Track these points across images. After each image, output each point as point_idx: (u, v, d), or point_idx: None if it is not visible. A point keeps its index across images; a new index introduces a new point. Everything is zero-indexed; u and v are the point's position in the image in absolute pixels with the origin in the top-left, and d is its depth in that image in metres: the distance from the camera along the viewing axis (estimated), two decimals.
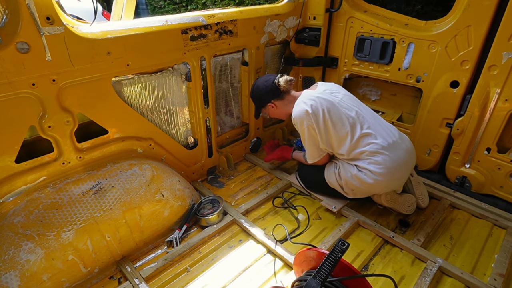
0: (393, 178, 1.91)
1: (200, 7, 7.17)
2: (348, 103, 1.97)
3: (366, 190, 1.96)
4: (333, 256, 1.17)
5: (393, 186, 1.96)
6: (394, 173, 1.88)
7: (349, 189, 1.99)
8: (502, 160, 2.06)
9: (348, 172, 1.95)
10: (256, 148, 2.79)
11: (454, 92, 2.11)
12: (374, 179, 1.86)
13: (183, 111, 2.22)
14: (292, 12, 2.53)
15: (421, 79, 2.24)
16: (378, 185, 1.89)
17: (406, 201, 2.03)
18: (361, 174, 1.89)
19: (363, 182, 1.89)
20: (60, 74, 1.53)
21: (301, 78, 2.90)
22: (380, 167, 1.84)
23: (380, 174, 1.84)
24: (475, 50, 1.96)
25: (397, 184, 1.98)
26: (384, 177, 1.85)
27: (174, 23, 1.89)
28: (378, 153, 1.85)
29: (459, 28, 1.98)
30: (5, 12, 1.34)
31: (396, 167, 1.87)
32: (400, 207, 2.03)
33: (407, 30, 2.23)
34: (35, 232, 1.50)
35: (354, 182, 1.93)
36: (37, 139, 1.64)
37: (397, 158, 1.86)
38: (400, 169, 1.90)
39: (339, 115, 1.92)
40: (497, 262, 1.71)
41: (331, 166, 2.08)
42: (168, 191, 1.91)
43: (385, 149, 1.85)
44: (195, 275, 1.69)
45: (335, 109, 1.92)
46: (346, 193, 2.03)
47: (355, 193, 2.00)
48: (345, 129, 1.90)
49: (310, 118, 1.92)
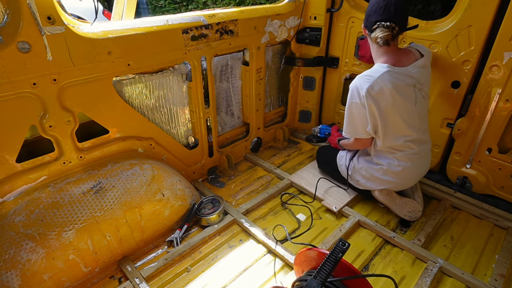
0: (403, 182, 1.96)
1: (201, 7, 7.17)
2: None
3: (371, 185, 2.01)
4: (333, 256, 1.17)
5: (396, 187, 1.98)
6: (407, 177, 1.93)
7: (356, 177, 2.06)
8: (503, 161, 2.06)
9: (361, 162, 2.02)
10: (257, 148, 2.80)
11: (455, 92, 2.11)
12: (385, 176, 1.91)
13: (184, 111, 2.22)
14: (293, 12, 2.53)
15: None
16: (384, 182, 1.94)
17: (406, 205, 2.00)
18: (373, 166, 1.95)
19: (370, 173, 1.96)
20: (61, 74, 1.53)
21: (301, 78, 2.90)
22: (399, 169, 1.88)
23: (395, 174, 1.89)
24: (476, 50, 1.96)
25: (398, 187, 2.01)
26: (396, 178, 1.91)
27: (175, 23, 1.89)
28: (408, 160, 1.86)
29: (460, 28, 1.97)
30: (6, 11, 1.34)
31: (412, 174, 1.93)
32: (398, 208, 2.00)
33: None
34: (36, 232, 1.50)
35: (362, 171, 2.00)
36: (38, 139, 1.64)
37: (418, 166, 1.91)
38: (414, 179, 1.98)
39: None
40: (498, 262, 1.71)
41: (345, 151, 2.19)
42: (169, 191, 1.91)
43: (416, 155, 1.87)
44: (196, 274, 1.69)
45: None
46: (350, 177, 2.09)
47: (360, 184, 2.06)
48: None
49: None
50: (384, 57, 1.80)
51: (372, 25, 1.74)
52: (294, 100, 2.98)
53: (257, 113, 2.66)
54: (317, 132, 2.66)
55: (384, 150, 1.90)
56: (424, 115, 1.90)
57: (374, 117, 1.79)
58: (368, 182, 2.03)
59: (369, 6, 1.77)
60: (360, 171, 2.04)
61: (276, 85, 2.86)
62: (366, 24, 1.82)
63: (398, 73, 1.75)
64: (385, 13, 1.67)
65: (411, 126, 1.82)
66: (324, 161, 2.38)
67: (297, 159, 2.70)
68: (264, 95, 2.68)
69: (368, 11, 1.78)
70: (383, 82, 1.72)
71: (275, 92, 2.88)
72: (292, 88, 2.90)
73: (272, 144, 2.93)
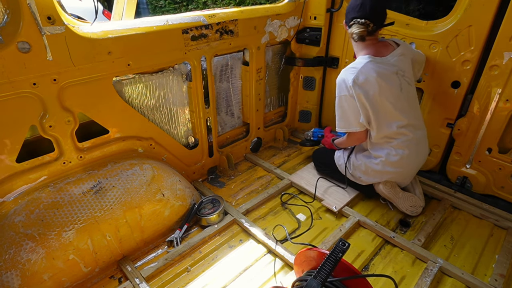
0: (403, 172, 1.98)
1: (201, 7, 7.17)
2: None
3: (373, 179, 2.06)
4: (333, 256, 1.17)
5: (397, 177, 2.02)
6: (407, 165, 1.96)
7: (357, 174, 2.10)
8: (503, 161, 2.06)
9: (359, 159, 2.07)
10: (257, 148, 2.80)
11: (455, 92, 2.11)
12: (385, 167, 1.95)
13: (184, 111, 2.22)
14: (293, 12, 2.53)
15: (422, 79, 2.23)
16: (385, 174, 1.98)
17: (408, 200, 2.03)
18: (373, 160, 1.99)
19: (370, 169, 2.00)
20: (61, 74, 1.53)
21: (301, 78, 2.90)
22: (397, 159, 1.91)
23: (394, 164, 1.92)
24: (476, 50, 1.96)
25: (400, 178, 2.03)
26: (396, 167, 1.93)
27: (175, 23, 1.89)
28: (405, 147, 1.91)
29: (460, 28, 1.98)
30: (6, 11, 1.34)
31: (410, 162, 1.95)
32: (401, 202, 2.03)
33: (408, 30, 2.22)
34: (36, 232, 1.50)
35: (362, 168, 2.04)
36: (38, 139, 1.64)
37: (415, 153, 1.94)
38: (414, 166, 2.00)
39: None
40: (498, 262, 1.71)
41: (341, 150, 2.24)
42: (169, 191, 1.91)
43: (412, 141, 1.91)
44: (196, 274, 1.69)
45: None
46: (352, 175, 2.12)
47: (362, 180, 2.10)
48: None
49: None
50: (365, 50, 1.91)
51: (350, 21, 1.87)
52: (294, 100, 2.99)
53: (257, 113, 2.66)
54: (310, 136, 2.65)
55: (380, 141, 1.95)
56: (412, 100, 1.97)
57: (365, 107, 1.85)
58: (370, 177, 2.06)
59: (349, 4, 1.91)
60: (360, 167, 2.07)
61: (276, 85, 2.86)
62: (345, 20, 1.94)
63: (379, 63, 1.86)
64: (361, 10, 1.80)
65: (401, 111, 1.87)
66: (323, 163, 2.38)
67: (297, 159, 2.71)
68: (264, 95, 2.68)
69: (347, 8, 1.90)
70: (367, 71, 1.82)
71: (275, 92, 2.89)
72: (292, 88, 2.90)
73: (272, 144, 2.93)
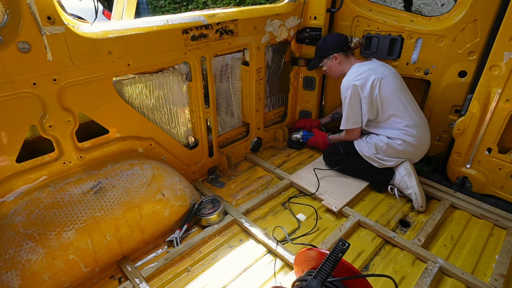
0: (419, 145, 2.17)
1: (201, 7, 7.17)
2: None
3: (396, 159, 2.20)
4: (333, 256, 1.17)
5: (415, 154, 2.22)
6: (420, 137, 2.16)
7: (381, 156, 2.22)
8: (503, 160, 2.06)
9: (382, 139, 2.20)
10: (257, 148, 2.80)
11: (462, 81, 2.20)
12: (404, 146, 2.15)
13: (184, 111, 2.22)
14: (293, 12, 2.53)
15: (429, 72, 2.30)
16: (405, 153, 2.17)
17: (420, 187, 2.11)
18: (396, 141, 2.16)
19: (395, 149, 2.16)
20: (61, 74, 1.53)
21: (301, 78, 2.90)
22: (411, 130, 2.14)
23: (411, 137, 2.14)
24: (481, 41, 2.04)
25: (417, 153, 2.23)
26: (413, 139, 2.13)
27: (175, 22, 1.89)
28: (411, 119, 2.14)
29: (466, 22, 2.05)
30: (6, 11, 1.34)
31: (422, 134, 2.18)
32: (414, 186, 2.10)
33: (415, 26, 2.29)
34: (36, 232, 1.50)
35: (385, 148, 2.18)
36: (38, 139, 1.63)
37: (424, 126, 2.20)
38: (425, 139, 2.21)
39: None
40: (498, 262, 1.71)
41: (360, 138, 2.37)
42: (169, 191, 1.91)
43: (415, 117, 2.16)
44: (196, 274, 1.69)
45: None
46: (381, 160, 2.23)
47: (385, 161, 2.22)
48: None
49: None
50: (351, 60, 2.34)
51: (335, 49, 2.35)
52: (294, 100, 2.99)
53: (257, 113, 2.66)
54: (300, 138, 2.78)
55: (390, 122, 2.18)
56: (409, 93, 2.23)
57: (374, 99, 2.15)
58: (392, 158, 2.20)
59: (325, 42, 2.39)
60: (383, 148, 2.20)
61: (276, 85, 2.86)
62: (330, 53, 2.35)
63: (369, 63, 2.26)
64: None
65: (400, 87, 2.17)
66: (347, 154, 2.35)
67: (297, 159, 2.71)
68: (264, 95, 2.69)
69: (326, 45, 2.38)
70: (367, 67, 2.19)
71: (275, 92, 2.88)
72: (292, 88, 2.90)
73: (272, 144, 2.93)
